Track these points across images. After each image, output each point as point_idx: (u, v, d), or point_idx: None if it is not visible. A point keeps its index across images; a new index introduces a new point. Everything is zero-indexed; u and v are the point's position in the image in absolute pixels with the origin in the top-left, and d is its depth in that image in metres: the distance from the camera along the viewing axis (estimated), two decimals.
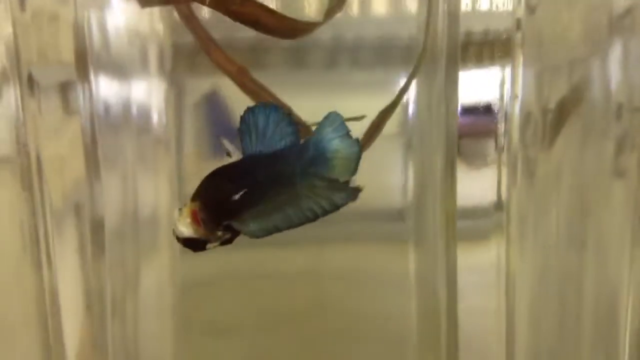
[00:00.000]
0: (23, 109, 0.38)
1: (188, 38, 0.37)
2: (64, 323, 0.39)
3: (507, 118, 0.39)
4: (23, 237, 0.39)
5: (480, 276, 0.41)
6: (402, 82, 0.38)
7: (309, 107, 0.34)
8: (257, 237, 0.29)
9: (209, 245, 0.30)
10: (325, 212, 0.30)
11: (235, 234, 0.30)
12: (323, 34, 0.37)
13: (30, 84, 0.37)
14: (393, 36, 0.38)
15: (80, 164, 0.38)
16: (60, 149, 0.38)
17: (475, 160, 0.40)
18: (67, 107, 0.38)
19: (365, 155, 0.38)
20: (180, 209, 0.29)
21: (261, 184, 0.30)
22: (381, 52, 0.39)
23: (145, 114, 0.38)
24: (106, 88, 0.37)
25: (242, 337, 0.40)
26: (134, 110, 0.38)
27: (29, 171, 0.38)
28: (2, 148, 0.38)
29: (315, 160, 0.30)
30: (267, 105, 0.30)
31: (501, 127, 0.39)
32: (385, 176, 0.40)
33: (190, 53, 0.37)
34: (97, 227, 0.38)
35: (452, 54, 0.39)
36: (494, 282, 0.41)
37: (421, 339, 0.41)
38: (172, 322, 0.40)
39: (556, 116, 0.39)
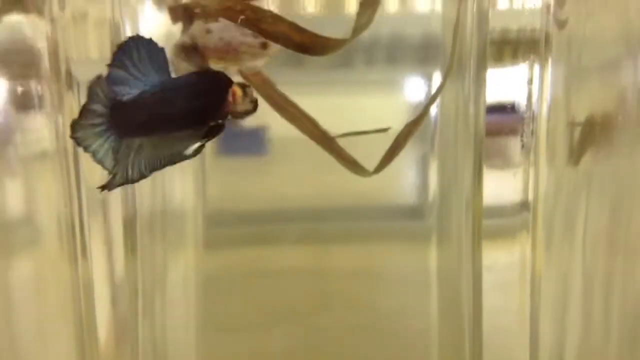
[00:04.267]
0: (62, 105, 0.38)
1: None
2: (98, 316, 0.40)
3: (534, 118, 0.39)
4: (60, 230, 0.40)
5: (503, 275, 0.40)
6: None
7: (320, 106, 0.34)
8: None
9: None
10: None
11: None
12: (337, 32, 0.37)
13: (69, 81, 0.38)
14: (406, 34, 0.38)
15: None
16: None
17: (501, 159, 0.39)
18: None
19: None
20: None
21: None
22: (394, 51, 0.39)
23: None
24: None
25: (264, 332, 0.41)
26: None
27: (66, 166, 0.39)
28: (42, 143, 0.39)
29: None
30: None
31: (528, 126, 0.39)
32: (407, 174, 0.40)
33: None
34: (131, 222, 0.39)
35: (481, 54, 0.39)
36: (517, 281, 0.40)
37: (443, 337, 0.41)
38: (195, 316, 0.41)
39: (584, 134, 0.38)
